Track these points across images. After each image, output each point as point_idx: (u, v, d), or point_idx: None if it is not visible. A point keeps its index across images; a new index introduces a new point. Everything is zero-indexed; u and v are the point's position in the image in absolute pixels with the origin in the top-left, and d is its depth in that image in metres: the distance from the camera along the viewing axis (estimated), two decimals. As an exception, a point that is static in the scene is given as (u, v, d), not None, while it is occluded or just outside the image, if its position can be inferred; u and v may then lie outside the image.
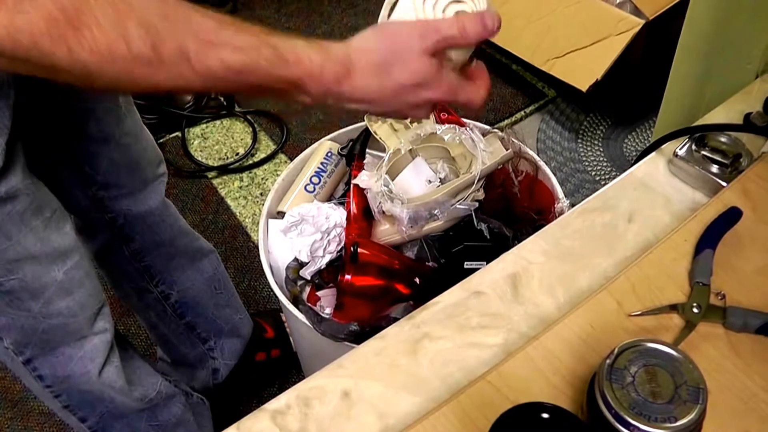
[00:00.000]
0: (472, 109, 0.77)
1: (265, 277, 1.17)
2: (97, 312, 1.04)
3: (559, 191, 1.22)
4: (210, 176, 2.13)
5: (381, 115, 0.75)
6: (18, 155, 0.85)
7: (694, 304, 0.70)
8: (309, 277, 1.15)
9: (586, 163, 2.12)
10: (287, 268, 1.16)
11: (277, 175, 1.92)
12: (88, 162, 1.10)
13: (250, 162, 2.16)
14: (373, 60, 0.69)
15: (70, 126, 1.05)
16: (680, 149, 0.88)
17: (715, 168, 0.86)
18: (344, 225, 1.16)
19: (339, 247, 1.16)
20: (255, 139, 2.21)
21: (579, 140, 2.18)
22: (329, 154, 1.30)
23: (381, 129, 1.19)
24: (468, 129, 1.15)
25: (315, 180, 1.27)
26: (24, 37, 0.56)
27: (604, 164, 2.11)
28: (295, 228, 1.16)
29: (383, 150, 1.18)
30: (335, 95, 0.70)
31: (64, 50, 0.58)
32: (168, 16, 0.62)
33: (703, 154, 0.87)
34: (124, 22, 0.59)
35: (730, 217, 0.77)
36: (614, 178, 0.91)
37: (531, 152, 1.26)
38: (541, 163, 1.26)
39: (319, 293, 1.15)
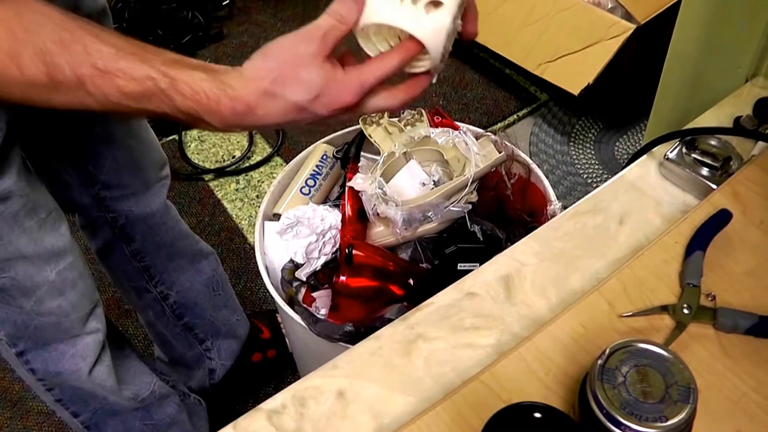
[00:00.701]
0: (387, 77, 0.70)
1: (261, 278, 1.17)
2: (89, 312, 1.05)
3: (552, 194, 1.22)
4: (207, 179, 2.14)
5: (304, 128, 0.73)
6: (13, 157, 0.85)
7: (685, 305, 0.71)
8: (304, 279, 1.15)
9: (578, 166, 2.12)
10: (283, 269, 1.16)
11: (273, 177, 1.93)
12: (92, 161, 1.11)
13: (247, 165, 2.17)
14: (264, 87, 0.66)
15: (76, 127, 1.06)
16: (671, 152, 0.88)
17: (705, 171, 0.86)
18: (339, 227, 1.16)
19: (334, 249, 1.16)
20: (251, 142, 2.22)
21: (571, 143, 2.19)
22: (324, 157, 1.31)
23: (375, 132, 1.20)
24: (461, 132, 1.15)
25: (310, 182, 1.28)
26: None
27: (596, 167, 2.12)
28: (290, 230, 1.17)
29: (378, 153, 1.19)
30: (239, 126, 0.69)
31: None
32: (64, 42, 0.62)
33: (694, 157, 0.87)
34: (19, 50, 0.60)
35: (720, 219, 0.78)
36: (606, 180, 0.91)
37: (524, 155, 1.26)
38: (534, 166, 1.26)
39: (314, 294, 1.16)
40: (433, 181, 1.15)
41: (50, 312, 0.98)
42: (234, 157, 2.19)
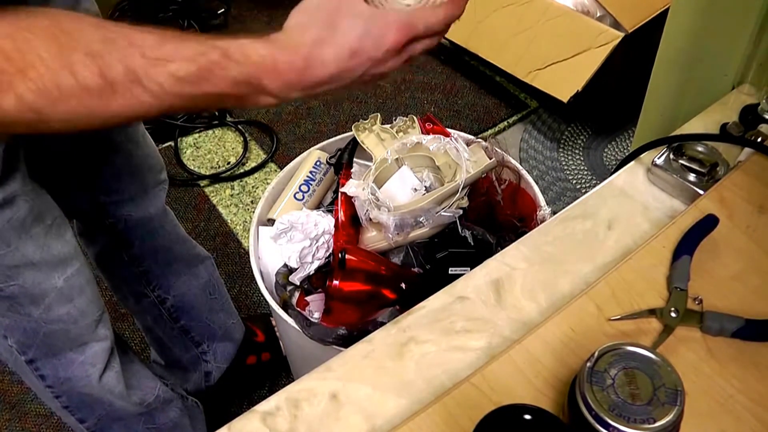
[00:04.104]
0: (436, 33, 0.69)
1: (256, 282, 1.18)
2: (98, 319, 1.04)
3: (541, 199, 1.23)
4: (202, 185, 2.15)
5: (354, 88, 0.70)
6: (18, 162, 0.84)
7: (672, 309, 0.71)
8: (298, 283, 1.15)
9: (568, 172, 2.13)
10: (277, 273, 1.16)
11: (268, 183, 1.93)
12: (91, 167, 1.11)
13: (241, 171, 2.18)
14: (314, 35, 0.64)
15: (73, 132, 1.06)
16: (658, 158, 0.89)
17: (692, 176, 0.87)
18: (332, 232, 1.16)
19: (327, 254, 1.17)
20: (246, 149, 2.23)
21: (560, 150, 2.20)
22: (318, 163, 1.31)
23: (368, 139, 1.21)
24: (452, 139, 1.16)
25: (304, 188, 1.28)
26: None
27: (585, 173, 2.13)
28: (284, 235, 1.17)
29: (370, 159, 1.19)
30: (297, 85, 0.65)
31: (12, 98, 0.56)
32: (108, 39, 0.59)
33: (681, 163, 0.88)
34: (68, 54, 0.57)
35: (707, 224, 0.78)
36: (594, 186, 0.91)
37: (514, 161, 1.27)
38: (524, 172, 1.27)
39: (308, 298, 1.16)
40: (425, 186, 1.16)
41: (59, 319, 0.98)
42: (229, 163, 2.20)
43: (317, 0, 0.66)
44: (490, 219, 1.19)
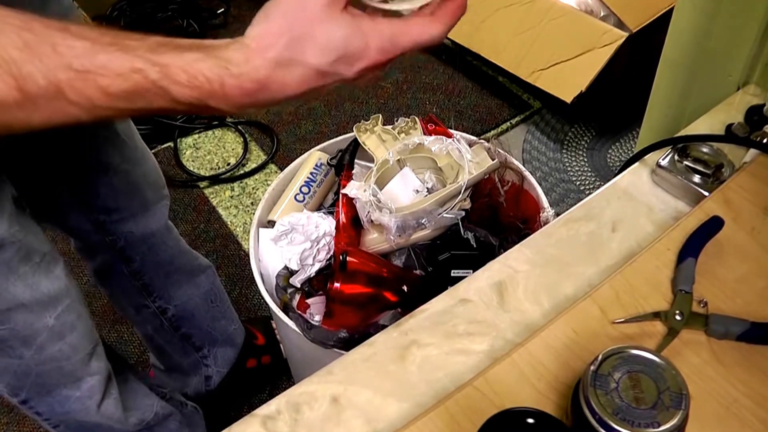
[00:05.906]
0: (426, 45, 0.60)
1: (256, 285, 1.17)
2: (91, 353, 1.02)
3: (545, 201, 1.22)
4: (202, 186, 2.15)
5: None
6: (3, 205, 0.82)
7: (677, 312, 0.71)
8: (299, 285, 1.15)
9: (571, 173, 2.13)
10: (277, 276, 1.16)
11: (268, 184, 1.94)
12: (87, 189, 1.09)
13: (242, 172, 2.18)
14: (275, 56, 0.55)
15: (67, 157, 1.04)
16: (663, 159, 0.89)
17: (697, 178, 0.87)
18: (333, 234, 1.16)
19: (328, 256, 1.16)
20: (246, 150, 2.23)
21: (564, 150, 2.20)
22: (319, 164, 1.31)
23: (369, 140, 1.20)
24: (455, 140, 1.15)
25: (305, 190, 1.28)
26: None
27: (589, 174, 2.12)
28: (285, 237, 1.16)
29: (372, 160, 1.19)
30: (249, 105, 0.57)
31: None
32: (30, 45, 0.51)
33: (686, 165, 0.88)
34: None
35: (712, 226, 0.78)
36: (598, 187, 0.91)
37: (517, 162, 1.27)
38: (527, 173, 1.26)
39: (308, 301, 1.15)
40: (427, 188, 1.16)
41: (51, 358, 0.95)
42: (229, 164, 2.20)
43: (285, 3, 0.57)
44: (493, 221, 1.19)
